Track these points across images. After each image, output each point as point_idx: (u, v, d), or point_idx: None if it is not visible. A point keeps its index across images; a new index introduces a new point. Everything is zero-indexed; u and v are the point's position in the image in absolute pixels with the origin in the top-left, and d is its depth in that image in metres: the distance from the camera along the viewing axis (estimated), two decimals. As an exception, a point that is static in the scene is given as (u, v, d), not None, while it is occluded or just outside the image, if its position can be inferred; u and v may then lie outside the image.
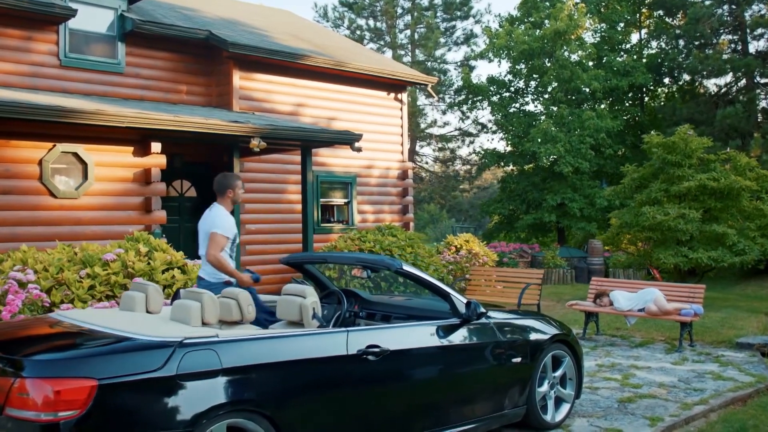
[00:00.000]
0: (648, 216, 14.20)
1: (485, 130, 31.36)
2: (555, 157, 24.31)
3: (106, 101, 12.38)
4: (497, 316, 5.92)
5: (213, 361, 4.15)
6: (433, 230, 47.41)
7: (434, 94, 19.76)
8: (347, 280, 13.30)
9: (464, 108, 30.22)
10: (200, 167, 14.92)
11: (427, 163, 35.28)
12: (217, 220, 6.48)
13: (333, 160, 16.38)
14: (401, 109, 17.94)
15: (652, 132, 15.85)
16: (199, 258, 9.62)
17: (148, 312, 5.24)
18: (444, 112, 32.14)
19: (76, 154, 10.80)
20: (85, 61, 13.58)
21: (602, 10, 27.38)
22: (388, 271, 5.47)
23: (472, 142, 32.57)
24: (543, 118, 25.68)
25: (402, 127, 17.93)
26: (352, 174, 16.84)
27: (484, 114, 53.93)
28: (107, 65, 13.86)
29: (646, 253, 15.37)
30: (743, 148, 22.67)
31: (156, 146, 11.28)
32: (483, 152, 27.81)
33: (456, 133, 32.69)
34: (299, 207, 15.50)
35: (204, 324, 4.70)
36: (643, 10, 28.90)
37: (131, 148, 11.31)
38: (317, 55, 15.74)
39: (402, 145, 17.93)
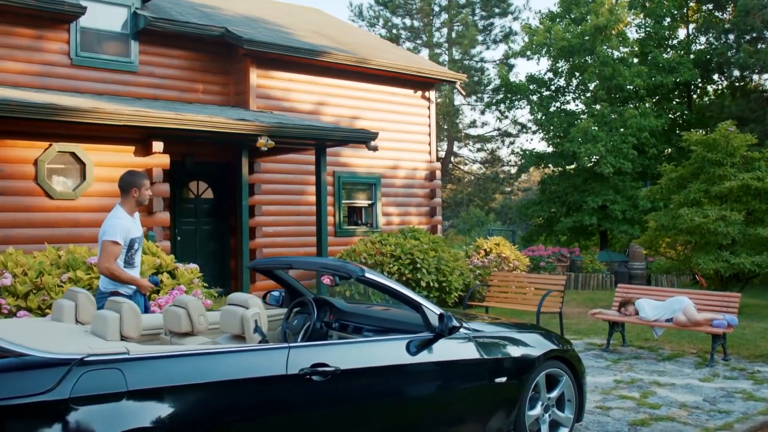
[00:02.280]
0: (686, 218, 13.26)
1: (525, 130, 30.44)
2: (597, 157, 23.35)
3: (117, 100, 12.01)
4: (480, 329, 5.24)
5: (117, 382, 3.58)
6: (479, 233, 46.60)
7: (463, 92, 19.04)
8: (364, 291, 12.72)
9: (502, 107, 29.39)
10: (217, 168, 14.53)
11: (465, 164, 34.47)
12: (109, 227, 5.90)
13: (356, 160, 15.81)
14: (429, 108, 17.29)
15: (692, 130, 14.86)
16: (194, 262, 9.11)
17: (78, 322, 4.72)
18: (483, 112, 31.29)
19: (73, 154, 10.43)
20: (97, 59, 13.27)
21: (647, 4, 26.30)
22: (350, 278, 4.83)
23: (512, 143, 31.63)
24: (584, 117, 24.74)
25: (430, 126, 17.28)
26: (376, 175, 16.24)
27: (523, 113, 52.81)
28: (120, 64, 13.53)
29: (686, 257, 14.41)
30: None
31: (158, 145, 10.84)
32: (522, 153, 26.96)
33: (495, 133, 31.84)
34: (326, 209, 14.98)
35: (123, 338, 4.14)
36: (691, 4, 27.72)
37: (132, 148, 10.92)
38: (338, 52, 15.20)
39: (430, 145, 17.28)
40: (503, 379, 5.10)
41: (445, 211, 32.80)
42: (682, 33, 28.40)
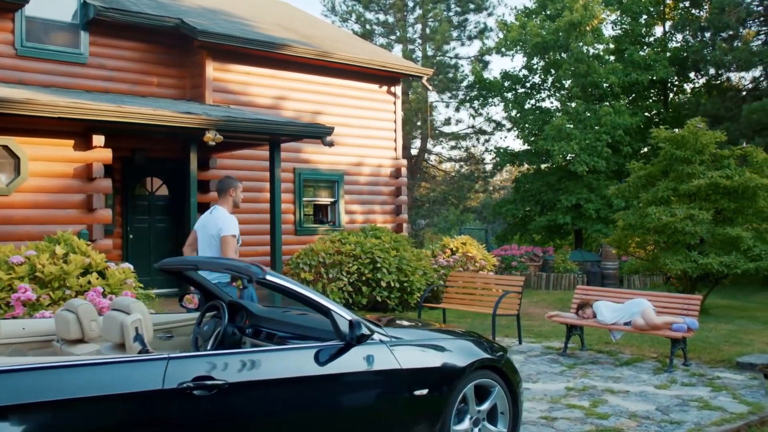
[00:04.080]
0: (653, 217, 12.87)
1: (500, 127, 30.04)
2: (573, 155, 22.98)
3: (61, 93, 11.50)
4: (401, 336, 4.79)
5: (-49, 401, 3.12)
6: (458, 232, 46.16)
7: (429, 87, 18.60)
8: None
9: (476, 104, 28.99)
10: (172, 163, 14.00)
11: (441, 162, 34.00)
12: (225, 224, 6.65)
13: (317, 156, 15.34)
14: (395, 103, 16.85)
15: (660, 127, 14.48)
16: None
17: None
18: (457, 109, 30.77)
19: (6, 148, 9.89)
20: (44, 50, 12.75)
21: (623, 0, 25.96)
22: (251, 280, 4.38)
23: (487, 141, 31.16)
24: (559, 114, 24.37)
25: (395, 122, 16.83)
26: (339, 171, 15.78)
27: (498, 111, 52.36)
28: (69, 55, 13.01)
29: (655, 257, 14.02)
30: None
31: (98, 139, 10.33)
32: (496, 151, 26.57)
33: (470, 131, 31.35)
34: (280, 207, 14.51)
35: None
36: (668, 2, 27.43)
37: (71, 141, 10.37)
38: (299, 45, 14.72)
39: (395, 141, 16.83)
40: (424, 391, 4.65)
41: (420, 209, 32.34)
42: (659, 30, 28.13)
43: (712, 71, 25.61)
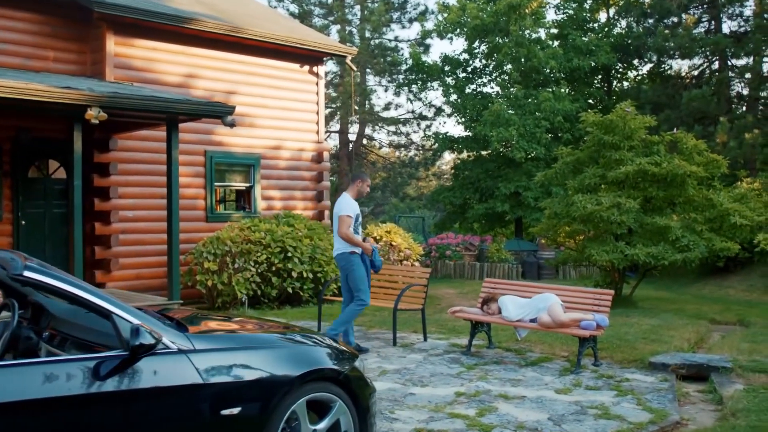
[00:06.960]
0: (579, 206, 12.22)
1: (441, 113, 29.35)
2: (513, 141, 22.32)
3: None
4: (208, 343, 3.96)
5: None
6: (407, 221, 45.51)
7: (354, 67, 17.75)
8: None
9: (414, 89, 28.23)
10: (69, 145, 12.92)
11: (380, 148, 33.17)
12: (344, 205, 8.33)
13: (231, 139, 14.41)
14: (317, 84, 15.93)
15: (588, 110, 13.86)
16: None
17: None
18: (397, 94, 29.94)
19: None
20: None
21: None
22: (9, 275, 3.52)
23: (428, 126, 30.41)
24: (500, 100, 23.70)
25: (318, 104, 15.94)
26: (254, 155, 14.86)
27: (439, 95, 51.51)
28: (-51, 25, 11.90)
29: (583, 247, 13.40)
30: (712, 134, 20.82)
31: (-37, 115, 9.32)
32: (435, 137, 25.82)
33: (410, 116, 30.56)
34: (187, 192, 13.64)
35: None
36: (613, -13, 26.95)
37: (-69, 118, 9.36)
38: (209, 20, 13.75)
39: (318, 124, 15.95)
40: (236, 410, 3.83)
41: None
42: (603, 16, 27.63)
43: (654, 58, 25.16)
